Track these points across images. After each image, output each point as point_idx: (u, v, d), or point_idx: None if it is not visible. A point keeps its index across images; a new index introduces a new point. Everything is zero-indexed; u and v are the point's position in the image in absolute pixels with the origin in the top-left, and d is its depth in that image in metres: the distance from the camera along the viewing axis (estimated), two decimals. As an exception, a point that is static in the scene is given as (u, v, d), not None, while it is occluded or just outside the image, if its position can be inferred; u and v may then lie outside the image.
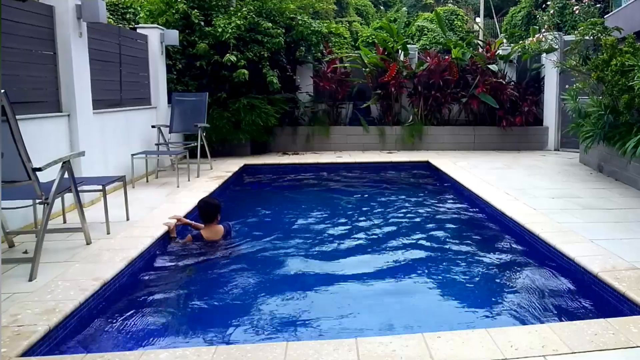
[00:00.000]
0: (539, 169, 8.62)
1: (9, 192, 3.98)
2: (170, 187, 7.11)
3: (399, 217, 6.26)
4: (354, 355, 2.65)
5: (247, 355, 2.65)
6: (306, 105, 11.26)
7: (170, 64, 9.40)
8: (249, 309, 3.63)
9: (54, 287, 3.47)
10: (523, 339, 2.83)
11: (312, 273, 4.34)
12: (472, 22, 18.79)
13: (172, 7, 9.48)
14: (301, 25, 10.31)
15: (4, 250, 4.31)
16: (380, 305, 3.71)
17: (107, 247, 4.37)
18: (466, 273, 4.39)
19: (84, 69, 6.03)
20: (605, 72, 7.51)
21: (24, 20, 5.17)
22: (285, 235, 5.44)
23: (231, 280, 4.06)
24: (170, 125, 8.48)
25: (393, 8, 20.41)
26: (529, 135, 11.27)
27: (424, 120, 11.18)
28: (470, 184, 7.17)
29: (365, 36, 14.32)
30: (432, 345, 2.75)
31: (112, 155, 6.90)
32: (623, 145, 6.84)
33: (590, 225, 5.05)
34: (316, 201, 7.27)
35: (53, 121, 5.59)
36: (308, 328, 3.35)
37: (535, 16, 13.81)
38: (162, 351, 2.74)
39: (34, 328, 2.88)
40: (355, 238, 5.41)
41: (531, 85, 11.57)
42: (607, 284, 3.59)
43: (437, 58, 11.14)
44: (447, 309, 3.71)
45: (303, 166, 9.40)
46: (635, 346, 2.76)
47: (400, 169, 9.46)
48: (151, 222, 5.17)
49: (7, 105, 3.50)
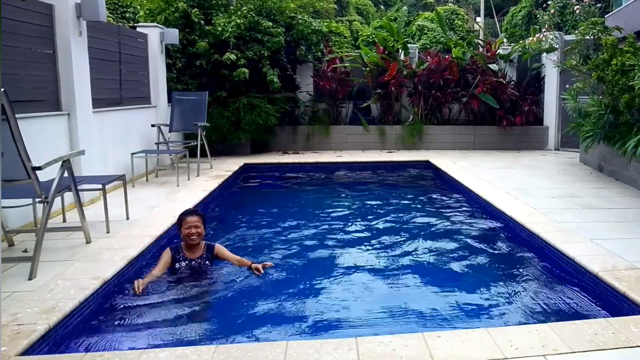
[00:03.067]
0: (539, 169, 8.62)
1: (9, 191, 3.97)
2: (170, 186, 7.11)
3: (399, 216, 6.26)
4: (354, 354, 2.65)
5: (247, 355, 2.65)
6: (306, 105, 11.25)
7: (170, 62, 9.39)
8: (249, 308, 3.62)
9: (53, 286, 3.47)
10: (523, 339, 2.82)
11: (312, 272, 4.33)
12: (472, 22, 18.77)
13: (172, 5, 9.47)
14: (301, 25, 10.30)
15: (4, 249, 4.31)
16: (380, 304, 3.71)
17: (107, 246, 4.36)
18: (466, 272, 4.39)
19: (83, 67, 6.02)
20: (605, 72, 7.50)
21: (23, 19, 5.16)
22: (284, 235, 5.43)
23: (231, 279, 4.06)
24: (170, 124, 8.48)
25: (393, 7, 20.38)
26: (529, 135, 11.27)
27: (424, 120, 11.18)
28: (470, 184, 7.16)
29: (366, 35, 14.30)
30: (432, 344, 2.75)
31: (112, 154, 6.90)
32: (623, 145, 6.83)
33: (591, 225, 5.05)
34: (316, 200, 7.26)
35: (53, 120, 5.59)
36: (308, 327, 3.35)
37: (535, 16, 13.79)
38: (162, 350, 2.74)
39: (33, 327, 2.88)
40: (354, 237, 5.41)
41: (531, 85, 11.58)
42: (607, 283, 3.59)
43: (437, 57, 11.15)
44: (446, 308, 3.70)
45: (303, 165, 9.40)
46: (635, 346, 2.76)
47: (400, 168, 9.45)
48: (151, 222, 5.16)
49: (6, 104, 3.50)
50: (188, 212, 4.27)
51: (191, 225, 4.10)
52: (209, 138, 9.05)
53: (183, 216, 4.18)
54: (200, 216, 4.21)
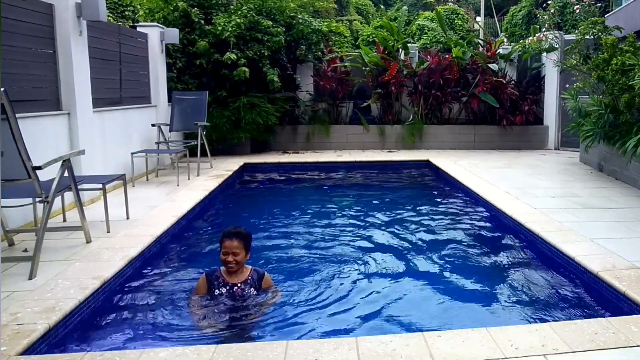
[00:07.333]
0: (539, 168, 8.62)
1: (9, 191, 3.97)
2: (170, 185, 7.11)
3: (399, 216, 6.25)
4: (354, 354, 2.65)
5: (247, 354, 2.65)
6: (306, 104, 11.25)
7: (171, 62, 9.39)
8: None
9: (53, 285, 3.47)
10: (523, 338, 2.82)
11: (312, 272, 4.33)
12: (472, 21, 18.76)
13: (170, 4, 9.47)
14: (301, 24, 10.30)
15: (4, 248, 4.30)
16: (380, 304, 3.70)
17: (107, 245, 4.36)
18: (466, 272, 4.38)
19: (84, 67, 6.02)
20: (605, 72, 7.50)
21: (24, 18, 5.16)
22: (284, 234, 5.44)
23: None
24: (171, 124, 8.47)
25: (393, 7, 20.37)
26: (529, 135, 11.27)
27: (424, 119, 11.18)
28: (470, 183, 7.16)
29: (366, 35, 14.30)
30: (432, 344, 2.75)
31: (112, 153, 6.90)
32: (623, 144, 6.84)
33: (591, 225, 5.05)
34: (316, 200, 7.26)
35: (53, 119, 5.59)
36: (308, 327, 3.34)
37: (535, 15, 13.78)
38: (162, 350, 2.73)
39: (33, 326, 2.88)
40: (354, 236, 5.40)
41: (531, 85, 11.58)
42: (607, 283, 3.59)
43: (437, 57, 11.14)
44: (447, 308, 3.70)
45: (303, 165, 9.40)
46: (635, 345, 2.75)
47: (401, 168, 9.45)
48: (151, 221, 5.16)
49: (7, 103, 3.50)
50: (228, 233, 3.55)
51: (228, 251, 3.48)
52: (209, 137, 9.05)
53: (223, 237, 3.54)
54: (242, 240, 3.55)
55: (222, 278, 3.56)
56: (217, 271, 3.61)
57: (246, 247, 3.57)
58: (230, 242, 3.49)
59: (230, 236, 3.52)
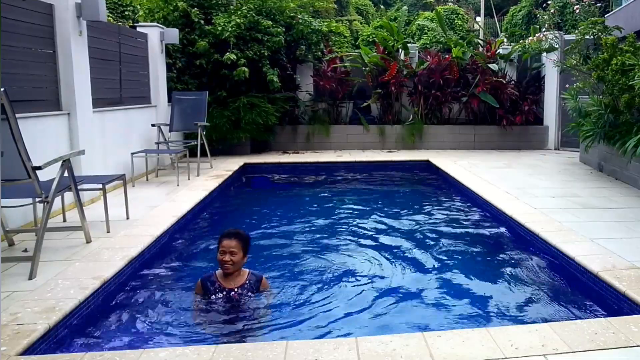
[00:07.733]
0: (539, 168, 8.62)
1: (9, 191, 3.97)
2: (170, 185, 7.11)
3: (398, 216, 6.26)
4: (354, 354, 2.65)
5: (247, 354, 2.65)
6: (306, 104, 11.25)
7: (170, 62, 9.39)
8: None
9: (53, 285, 3.47)
10: (523, 338, 2.82)
11: (312, 272, 4.33)
12: (472, 21, 18.76)
13: (170, 4, 9.47)
14: (301, 24, 10.30)
15: (4, 248, 4.30)
16: (380, 304, 3.70)
17: (107, 245, 4.36)
18: (466, 272, 4.38)
19: (83, 67, 6.02)
20: (605, 72, 7.50)
21: (23, 18, 5.16)
22: (284, 235, 5.44)
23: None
24: (170, 124, 8.47)
25: (393, 7, 20.36)
26: (529, 135, 11.27)
27: (424, 120, 11.17)
28: (470, 183, 7.16)
29: (366, 35, 14.30)
30: (432, 344, 2.75)
31: (112, 153, 6.89)
32: (623, 144, 6.84)
33: (591, 225, 5.05)
34: (316, 200, 7.26)
35: (53, 120, 5.59)
36: (308, 327, 3.34)
37: (535, 15, 13.79)
38: (162, 350, 2.73)
39: (33, 327, 2.88)
40: (354, 236, 5.40)
41: (531, 85, 11.58)
42: (607, 283, 3.59)
43: (437, 57, 11.14)
44: (447, 308, 3.71)
45: (303, 165, 9.40)
46: (635, 345, 2.75)
47: (401, 168, 9.45)
48: (151, 221, 5.16)
49: (6, 103, 3.50)
50: (227, 233, 3.54)
51: (226, 251, 3.42)
52: (209, 137, 9.05)
53: (221, 237, 3.52)
54: (241, 240, 3.50)
55: (219, 283, 3.50)
56: (212, 276, 3.55)
57: (244, 248, 3.53)
58: (228, 242, 3.46)
59: (230, 236, 3.51)
